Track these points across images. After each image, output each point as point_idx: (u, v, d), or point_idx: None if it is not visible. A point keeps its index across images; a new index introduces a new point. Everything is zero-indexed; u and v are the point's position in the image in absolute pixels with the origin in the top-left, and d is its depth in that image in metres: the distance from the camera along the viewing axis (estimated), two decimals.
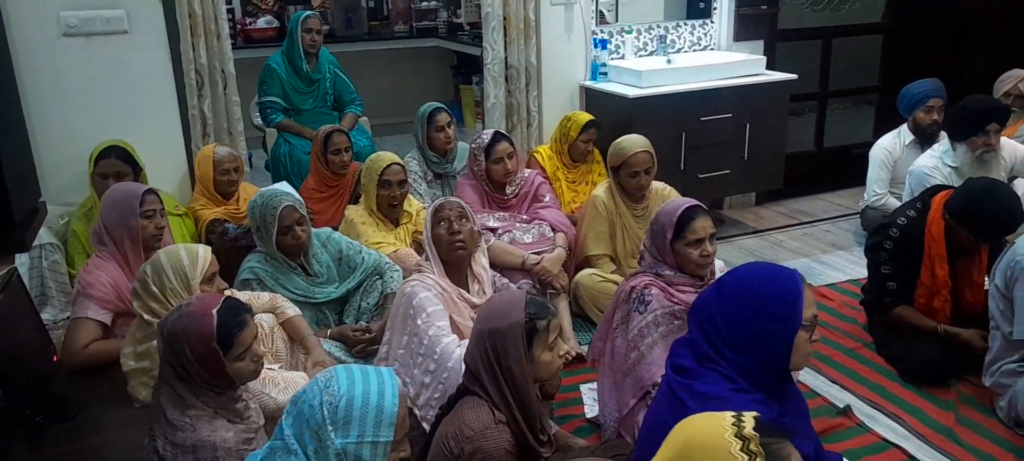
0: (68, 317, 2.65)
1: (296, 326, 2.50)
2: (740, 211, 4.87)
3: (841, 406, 2.67)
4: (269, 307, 2.49)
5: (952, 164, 3.50)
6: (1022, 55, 4.21)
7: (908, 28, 5.14)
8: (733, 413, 1.20)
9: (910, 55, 5.05)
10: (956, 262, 2.81)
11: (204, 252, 2.21)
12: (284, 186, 3.04)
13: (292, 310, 2.53)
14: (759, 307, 1.65)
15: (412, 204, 3.39)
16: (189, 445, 1.70)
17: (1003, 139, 3.53)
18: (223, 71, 3.63)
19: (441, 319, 2.31)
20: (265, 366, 2.19)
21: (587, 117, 3.82)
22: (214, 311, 1.74)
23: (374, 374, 1.44)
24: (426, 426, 2.23)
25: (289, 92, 4.12)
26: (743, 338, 1.67)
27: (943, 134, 3.70)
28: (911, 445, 2.47)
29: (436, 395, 2.25)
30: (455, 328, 2.35)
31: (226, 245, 3.13)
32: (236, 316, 1.77)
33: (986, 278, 2.80)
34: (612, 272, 3.26)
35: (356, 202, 3.39)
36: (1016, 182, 3.66)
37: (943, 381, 2.77)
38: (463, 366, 1.91)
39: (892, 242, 2.88)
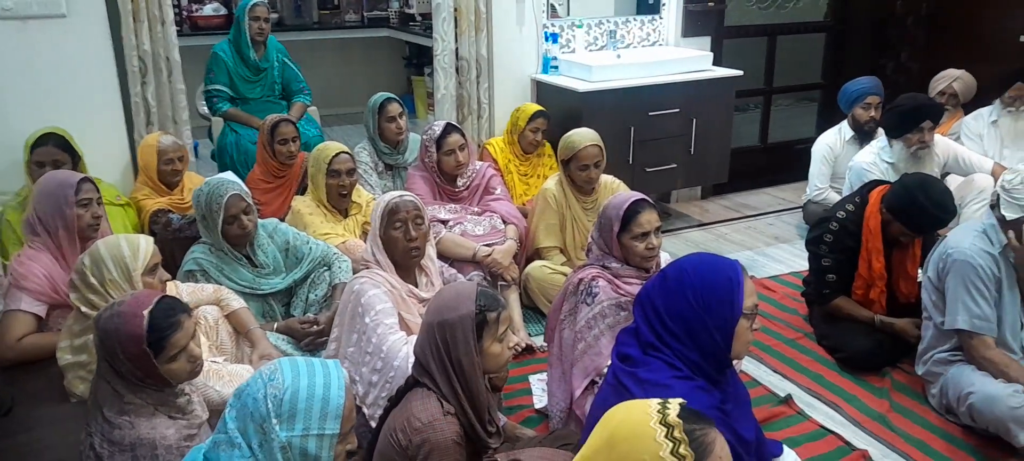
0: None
1: (241, 319, 2.46)
2: (686, 204, 4.95)
3: (782, 395, 2.74)
4: (214, 299, 2.45)
5: (889, 160, 3.61)
6: (955, 55, 4.37)
7: (849, 27, 5.28)
8: (659, 400, 1.21)
9: (851, 54, 5.20)
10: (892, 255, 2.91)
11: (146, 243, 2.16)
12: (230, 176, 2.99)
13: (237, 302, 2.49)
14: (701, 297, 1.69)
15: (361, 195, 3.37)
16: (127, 443, 1.66)
17: (937, 136, 3.66)
18: (168, 58, 3.54)
19: (389, 317, 2.29)
20: (210, 359, 2.17)
21: (535, 107, 3.83)
22: (145, 312, 1.68)
23: (320, 366, 1.43)
24: (374, 425, 2.21)
25: (236, 81, 4.04)
26: (685, 327, 1.70)
27: (881, 131, 3.81)
28: (847, 431, 2.55)
29: (383, 394, 2.24)
30: (404, 325, 2.34)
31: (170, 236, 3.06)
32: (170, 317, 1.72)
33: (920, 270, 2.91)
34: (562, 264, 3.29)
35: (304, 193, 3.34)
36: (949, 178, 3.79)
37: (878, 370, 2.87)
38: (410, 364, 1.91)
39: (832, 235, 2.97)
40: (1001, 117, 4.01)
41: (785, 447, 2.25)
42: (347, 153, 3.16)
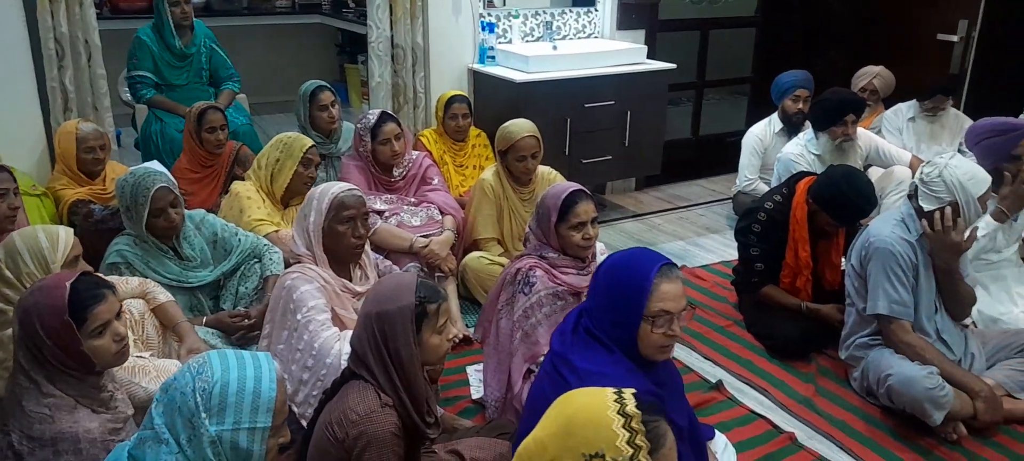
0: None
1: (168, 312, 2.38)
2: (621, 196, 5.02)
3: (713, 381, 2.81)
4: (139, 293, 2.36)
5: (816, 152, 3.73)
6: (879, 52, 4.54)
7: (778, 23, 5.42)
8: (614, 390, 1.23)
9: (780, 48, 5.34)
10: (817, 244, 3.01)
11: (65, 234, 2.07)
12: (156, 165, 2.89)
13: (164, 296, 2.40)
14: (612, 299, 1.73)
15: None
16: (48, 438, 1.59)
17: (860, 130, 3.79)
18: (87, 42, 3.40)
19: (321, 314, 2.24)
20: (135, 354, 2.09)
21: (452, 92, 3.82)
22: (67, 283, 1.63)
23: (250, 359, 1.40)
24: (304, 423, 2.17)
25: (161, 66, 3.90)
26: (605, 324, 1.74)
27: (808, 123, 3.93)
28: (776, 416, 2.63)
29: (314, 392, 2.20)
30: (337, 321, 2.30)
31: (92, 228, 2.93)
32: (92, 289, 1.67)
33: (843, 259, 3.02)
34: (500, 255, 3.29)
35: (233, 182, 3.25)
36: (871, 170, 3.94)
37: (805, 355, 2.97)
38: (342, 362, 1.88)
39: (760, 225, 3.05)
40: (918, 117, 4.19)
41: (717, 431, 2.31)
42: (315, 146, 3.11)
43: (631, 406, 1.19)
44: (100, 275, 2.24)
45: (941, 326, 2.62)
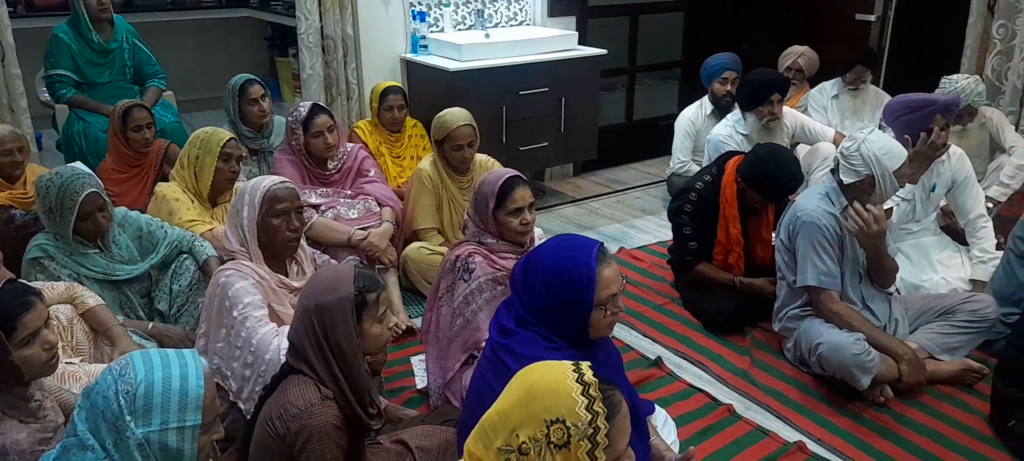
0: None
1: (99, 316, 2.31)
2: (560, 182, 5.07)
3: (653, 358, 2.88)
4: (66, 297, 2.29)
5: (743, 132, 3.82)
6: (803, 33, 4.68)
7: (706, 7, 5.53)
8: (573, 362, 1.28)
9: (708, 32, 5.45)
10: (747, 221, 3.10)
11: None
12: (81, 167, 2.79)
13: (93, 300, 2.33)
14: (555, 294, 1.74)
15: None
16: None
17: (785, 109, 3.90)
18: (0, 42, 3.25)
19: (258, 310, 2.21)
20: (65, 360, 2.03)
21: (386, 84, 3.78)
22: None
23: (175, 357, 1.37)
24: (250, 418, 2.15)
25: (81, 65, 3.77)
26: (546, 313, 1.76)
27: (736, 104, 4.02)
28: (713, 389, 2.71)
29: (258, 388, 2.17)
30: (274, 317, 2.27)
31: (13, 233, 2.82)
32: (19, 297, 1.62)
33: (773, 234, 3.11)
34: (440, 244, 3.28)
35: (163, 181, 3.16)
36: (798, 147, 4.07)
37: (740, 329, 3.06)
38: (281, 357, 1.86)
39: (691, 205, 3.12)
40: (841, 93, 4.33)
41: (657, 407, 2.37)
42: (235, 138, 3.02)
43: (589, 375, 1.24)
44: (25, 282, 2.17)
45: (866, 294, 2.73)
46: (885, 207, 2.59)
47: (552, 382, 1.23)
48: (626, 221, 4.37)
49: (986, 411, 2.50)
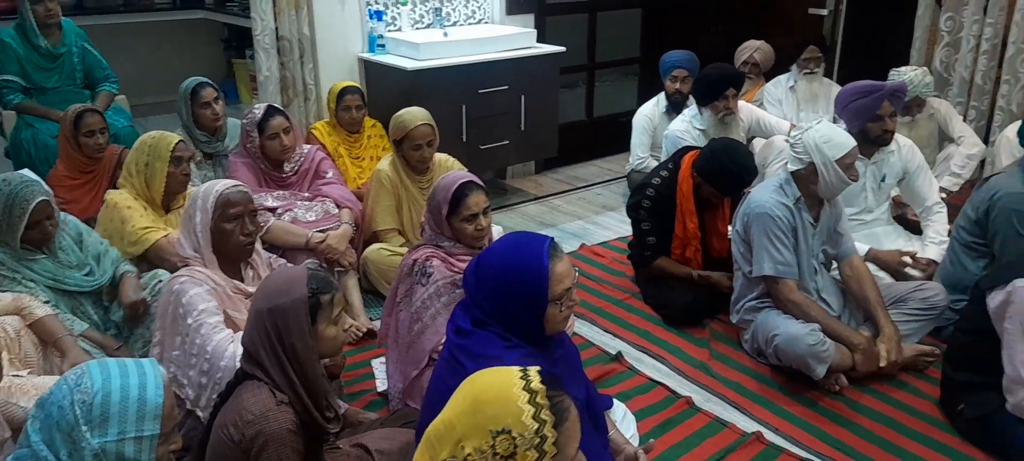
0: None
1: (48, 327, 2.26)
2: (521, 180, 5.07)
3: (613, 353, 2.90)
4: (13, 309, 2.23)
5: (700, 127, 3.86)
6: (758, 28, 4.74)
7: (663, 3, 5.57)
8: (520, 368, 1.27)
9: (666, 28, 5.49)
10: (704, 215, 3.14)
11: None
12: (30, 174, 2.72)
13: (41, 310, 2.28)
14: (509, 294, 1.73)
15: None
16: None
17: (741, 103, 3.95)
18: None
19: (212, 316, 2.18)
20: (11, 373, 1.98)
21: (343, 84, 3.75)
22: None
23: (133, 366, 1.35)
24: None
25: (29, 70, 3.68)
26: (501, 312, 1.75)
27: (692, 99, 4.06)
28: (673, 381, 2.74)
29: (215, 395, 2.14)
30: (230, 323, 2.24)
31: None
32: None
33: (730, 227, 3.15)
34: (401, 245, 3.27)
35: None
36: (754, 141, 4.12)
37: (698, 322, 3.10)
38: (238, 363, 1.83)
39: (649, 201, 3.15)
40: (797, 81, 4.41)
41: (615, 401, 2.38)
42: (184, 141, 2.97)
43: (536, 382, 1.23)
44: None
45: (821, 284, 2.78)
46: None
47: (498, 391, 1.22)
48: (587, 218, 4.39)
49: (937, 395, 2.57)
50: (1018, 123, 3.19)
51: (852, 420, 2.50)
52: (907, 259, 3.02)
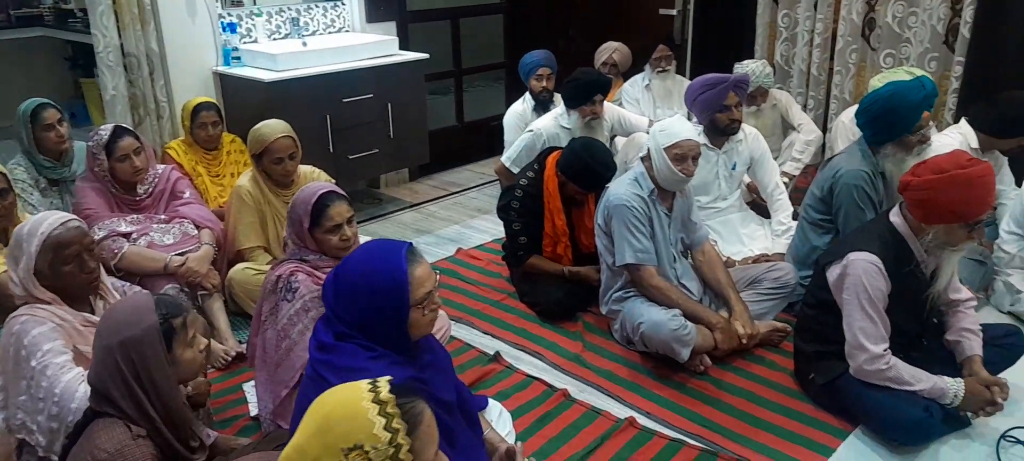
0: None
1: None
2: (396, 188, 5.04)
3: (492, 353, 2.93)
4: None
5: (567, 126, 3.94)
6: (613, 30, 4.91)
7: (523, 8, 5.67)
8: (369, 381, 1.25)
9: (527, 32, 5.59)
10: (571, 212, 3.23)
11: None
12: None
13: None
14: (369, 303, 1.70)
15: (24, 217, 2.94)
16: None
17: (606, 104, 4.08)
18: None
19: (59, 355, 2.02)
20: None
21: (197, 100, 3.61)
22: None
23: None
24: None
25: None
26: (363, 323, 1.72)
27: (559, 97, 4.15)
28: (549, 376, 2.80)
29: (66, 440, 2.01)
30: (81, 359, 2.09)
31: None
32: None
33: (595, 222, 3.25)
34: (267, 263, 3.17)
35: None
36: (617, 139, 4.26)
37: (571, 316, 3.18)
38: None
39: (518, 202, 3.21)
40: (652, 80, 4.59)
41: (491, 400, 2.41)
42: (3, 172, 2.74)
43: (384, 392, 1.21)
44: None
45: (681, 271, 2.92)
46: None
47: (347, 407, 1.20)
48: (463, 222, 4.41)
49: (791, 367, 2.74)
50: (853, 108, 3.45)
51: (718, 398, 2.63)
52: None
